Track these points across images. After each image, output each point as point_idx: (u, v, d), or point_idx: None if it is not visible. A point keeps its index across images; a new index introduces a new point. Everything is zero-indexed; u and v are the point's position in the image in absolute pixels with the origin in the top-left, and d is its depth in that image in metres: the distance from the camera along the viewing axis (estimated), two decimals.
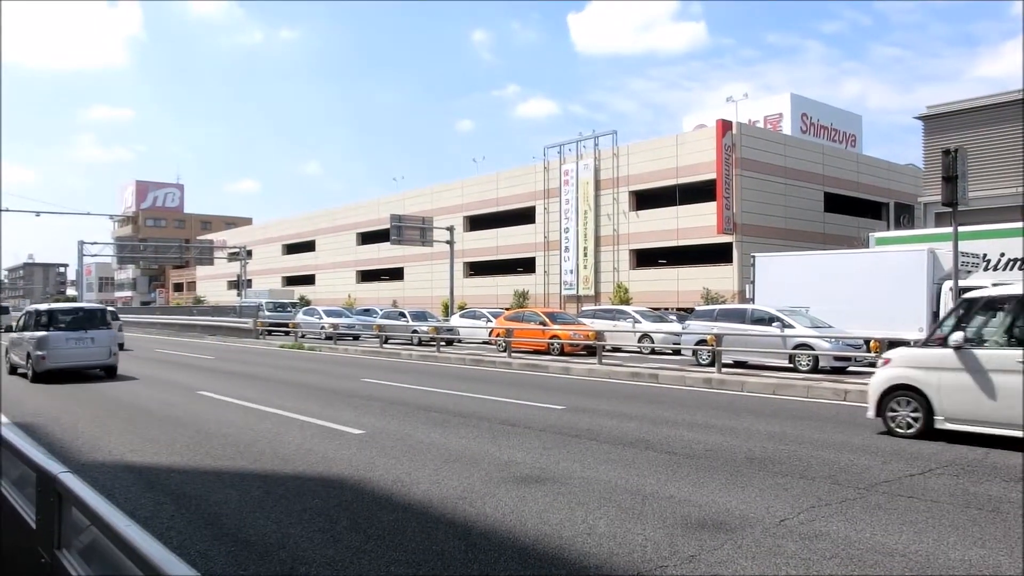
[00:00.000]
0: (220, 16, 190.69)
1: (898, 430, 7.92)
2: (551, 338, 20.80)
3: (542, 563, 4.09)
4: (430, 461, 6.68)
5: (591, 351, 19.50)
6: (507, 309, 33.45)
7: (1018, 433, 7.03)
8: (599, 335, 18.60)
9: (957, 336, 7.49)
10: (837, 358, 14.57)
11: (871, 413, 8.26)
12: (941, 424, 7.64)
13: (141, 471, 6.53)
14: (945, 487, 5.71)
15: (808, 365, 14.81)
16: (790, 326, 15.45)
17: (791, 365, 15.09)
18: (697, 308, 19.58)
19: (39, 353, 14.11)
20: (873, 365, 14.98)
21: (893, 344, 14.08)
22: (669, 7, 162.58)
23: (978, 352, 7.41)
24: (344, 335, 28.27)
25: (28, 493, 2.82)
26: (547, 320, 21.89)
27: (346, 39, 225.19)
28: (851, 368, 14.84)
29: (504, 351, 19.89)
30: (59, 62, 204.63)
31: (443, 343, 23.62)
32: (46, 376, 14.10)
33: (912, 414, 7.84)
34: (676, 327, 21.97)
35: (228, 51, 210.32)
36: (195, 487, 5.91)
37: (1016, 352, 7.12)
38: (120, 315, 44.82)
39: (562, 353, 20.08)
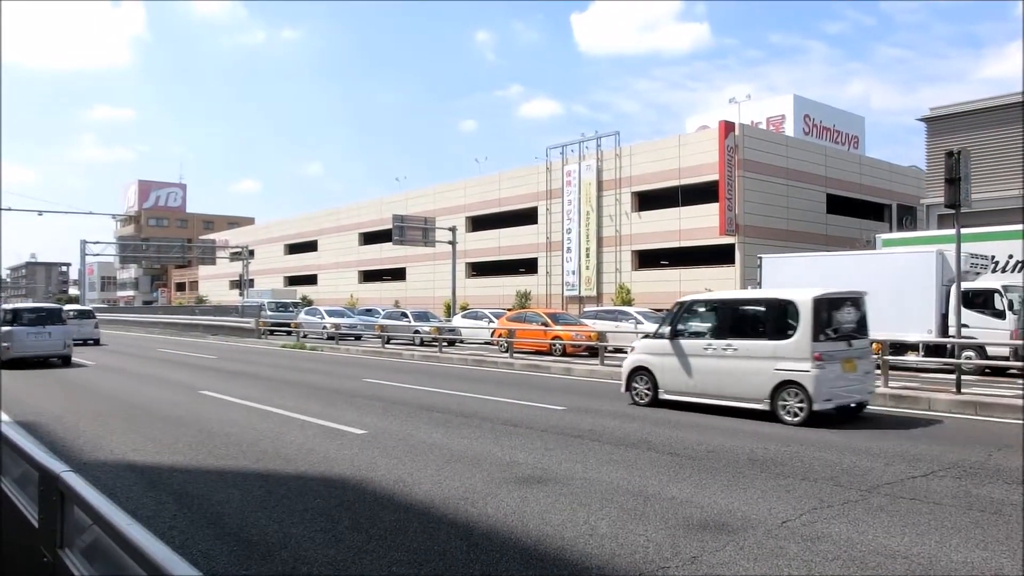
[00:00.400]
0: (223, 16, 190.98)
1: (639, 400, 10.51)
2: (553, 339, 20.79)
3: (544, 564, 4.09)
4: (432, 461, 6.68)
5: (593, 352, 19.53)
6: (509, 310, 33.44)
7: (708, 401, 9.71)
8: (601, 336, 18.58)
9: (666, 330, 10.37)
10: None
11: (622, 389, 10.81)
12: (663, 395, 10.25)
13: (143, 470, 6.53)
14: (947, 489, 5.70)
15: None
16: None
17: None
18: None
19: (4, 344, 16.83)
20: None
21: (895, 346, 14.06)
22: (672, 8, 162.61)
23: (681, 342, 10.07)
24: (346, 335, 28.28)
25: (30, 492, 2.83)
26: (549, 321, 21.88)
27: (349, 39, 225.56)
28: None
29: (506, 352, 19.90)
30: (62, 62, 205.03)
31: (445, 343, 23.59)
32: (11, 363, 16.56)
33: (646, 388, 10.48)
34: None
35: (230, 51, 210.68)
36: (197, 486, 5.92)
37: (701, 342, 9.93)
38: (123, 314, 45.07)
39: (564, 354, 20.05)
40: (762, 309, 10.14)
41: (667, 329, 10.31)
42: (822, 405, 8.74)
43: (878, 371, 11.61)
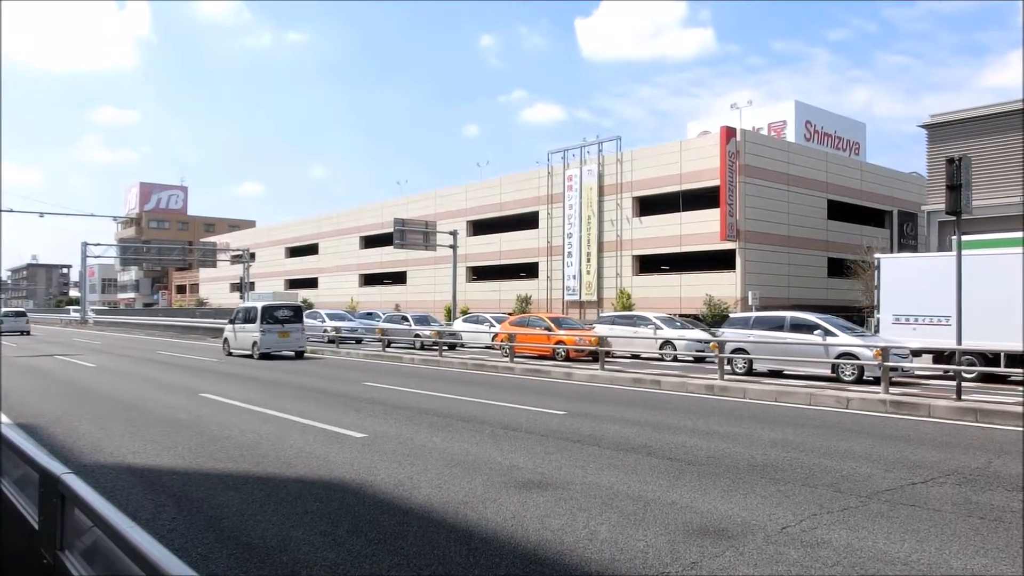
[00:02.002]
0: (228, 18, 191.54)
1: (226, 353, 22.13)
2: (556, 343, 20.60)
3: (543, 568, 4.09)
4: (432, 465, 6.67)
5: (596, 357, 19.46)
6: (510, 314, 33.42)
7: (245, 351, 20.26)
8: (603, 340, 18.45)
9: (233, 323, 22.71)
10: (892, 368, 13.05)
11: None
12: (233, 351, 21.95)
13: (143, 473, 6.53)
14: (947, 496, 5.69)
15: (852, 375, 14.34)
16: (832, 334, 14.96)
17: (833, 375, 14.66)
18: (732, 315, 19.01)
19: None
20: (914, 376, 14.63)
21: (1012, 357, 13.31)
22: (677, 13, 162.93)
23: (236, 325, 22.72)
24: (347, 339, 28.24)
25: (30, 494, 2.83)
26: (552, 325, 21.70)
27: (354, 43, 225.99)
28: (896, 379, 13.85)
29: (508, 356, 19.76)
30: (68, 63, 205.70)
31: (445, 347, 23.54)
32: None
33: (226, 347, 23.30)
34: (701, 334, 21.75)
35: (236, 53, 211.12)
36: (197, 489, 5.92)
37: (251, 325, 22.24)
38: (123, 317, 45.36)
39: (567, 359, 19.94)
40: (254, 307, 22.88)
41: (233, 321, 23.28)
42: (264, 351, 21.41)
43: (879, 377, 11.57)
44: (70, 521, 2.39)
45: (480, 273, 48.74)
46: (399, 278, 54.50)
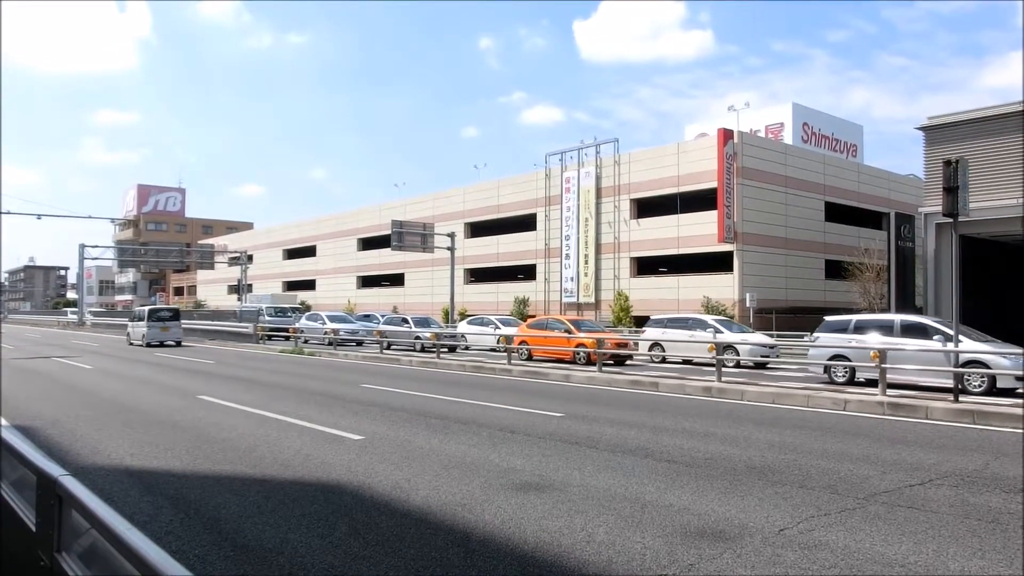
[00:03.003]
0: (229, 19, 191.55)
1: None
2: (577, 346, 19.89)
3: (541, 570, 4.09)
4: (429, 467, 6.67)
5: (619, 360, 19.09)
6: (521, 317, 33.41)
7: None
8: (627, 344, 18.47)
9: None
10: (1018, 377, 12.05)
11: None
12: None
13: (140, 475, 6.52)
14: (945, 498, 5.70)
15: (982, 386, 12.59)
16: (953, 339, 12.56)
17: (957, 386, 11.67)
18: (827, 319, 17.26)
19: None
20: None
21: None
22: (676, 15, 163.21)
23: (132, 323, 31.52)
24: (347, 340, 28.17)
25: (28, 496, 2.83)
26: (572, 328, 21.05)
27: (354, 44, 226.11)
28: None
29: (527, 359, 19.13)
30: (68, 65, 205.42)
31: (444, 349, 23.41)
32: None
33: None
34: (763, 338, 21.05)
35: (236, 55, 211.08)
36: (194, 491, 5.91)
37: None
38: (120, 319, 46.02)
39: (589, 362, 19.14)
40: (143, 309, 31.01)
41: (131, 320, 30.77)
42: (149, 341, 28.18)
43: (876, 379, 11.62)
44: (67, 523, 2.39)
45: (478, 275, 48.75)
46: (397, 280, 54.51)
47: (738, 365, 19.24)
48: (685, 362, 20.12)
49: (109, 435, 8.49)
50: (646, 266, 39.41)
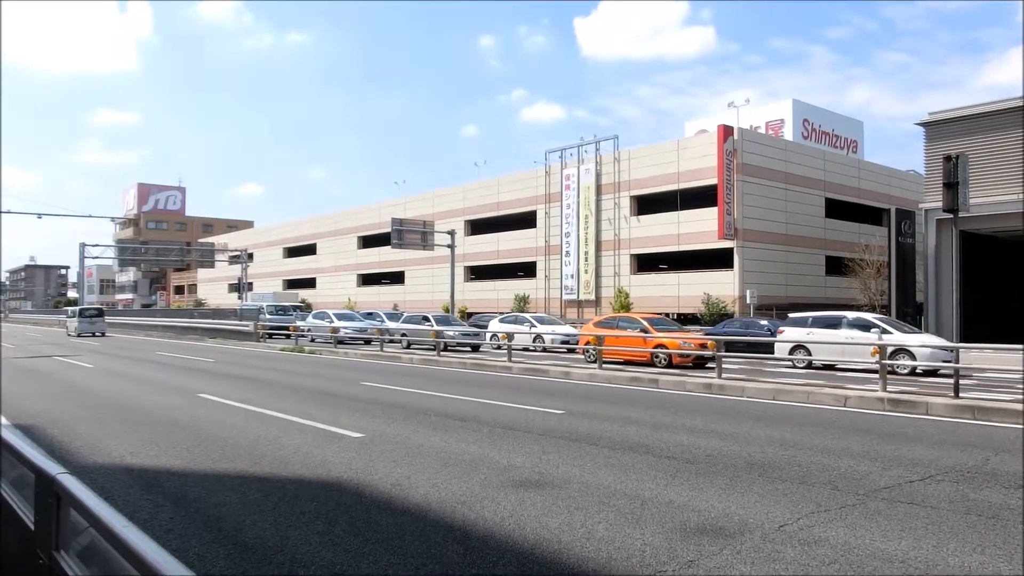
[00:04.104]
0: (229, 19, 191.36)
1: None
2: (655, 347, 18.03)
3: (540, 567, 4.09)
4: (429, 465, 6.67)
5: (700, 363, 17.59)
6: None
7: None
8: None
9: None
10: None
11: None
12: None
13: (140, 473, 6.53)
14: (945, 493, 5.70)
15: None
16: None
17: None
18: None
19: None
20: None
21: None
22: (676, 13, 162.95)
23: (68, 319, 42.71)
24: (356, 339, 27.78)
25: (27, 494, 2.83)
26: (649, 327, 19.06)
27: (354, 44, 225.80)
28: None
29: (594, 363, 17.54)
30: (70, 66, 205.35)
31: (468, 349, 22.39)
32: None
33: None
34: (939, 340, 17.85)
35: (237, 55, 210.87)
36: (194, 489, 5.91)
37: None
38: (121, 317, 46.65)
39: (670, 365, 17.48)
40: (76, 308, 42.24)
41: (68, 317, 41.61)
42: (79, 332, 38.30)
43: (876, 375, 11.60)
44: (66, 521, 2.39)
45: (478, 273, 48.74)
46: (397, 278, 54.50)
47: (913, 373, 15.81)
48: (828, 367, 17.09)
49: (109, 433, 8.49)
50: (646, 263, 39.40)
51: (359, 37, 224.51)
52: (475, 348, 22.73)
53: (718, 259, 35.50)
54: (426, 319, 26.45)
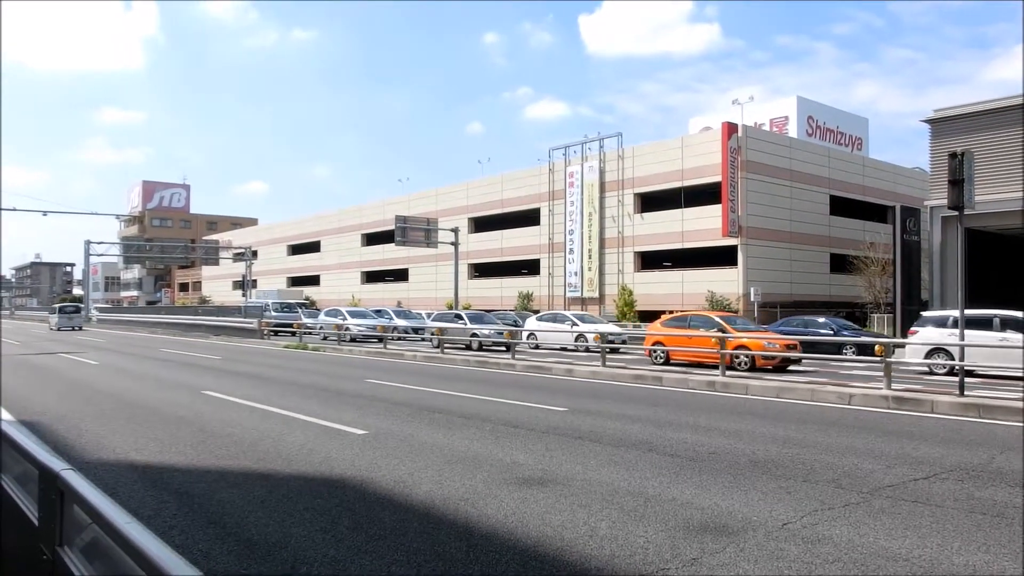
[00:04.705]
0: (234, 17, 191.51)
1: None
2: (736, 348, 16.17)
3: (543, 564, 4.09)
4: (432, 462, 6.68)
5: (785, 365, 16.41)
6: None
7: None
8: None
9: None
10: None
11: None
12: None
13: (145, 469, 6.55)
14: (949, 492, 5.68)
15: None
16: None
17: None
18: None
19: None
20: None
21: None
22: (681, 10, 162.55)
23: (51, 315, 46.45)
24: (371, 336, 27.40)
25: (31, 490, 2.83)
26: (726, 326, 17.34)
27: (359, 41, 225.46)
28: None
29: (663, 364, 16.73)
30: (75, 65, 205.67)
31: (503, 349, 21.29)
32: None
33: None
34: None
35: (241, 53, 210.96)
36: (198, 486, 5.93)
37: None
38: (126, 315, 46.49)
39: (752, 369, 15.92)
40: (55, 306, 45.39)
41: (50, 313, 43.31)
42: (58, 327, 41.82)
43: (881, 374, 11.56)
44: (69, 517, 2.40)
45: (482, 270, 48.74)
46: (401, 275, 54.54)
47: None
48: (978, 375, 14.70)
49: (114, 430, 8.52)
50: (650, 261, 39.35)
51: (363, 35, 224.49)
52: (509, 348, 20.63)
53: (722, 257, 35.43)
54: (459, 317, 25.52)
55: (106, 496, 2.22)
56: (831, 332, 20.50)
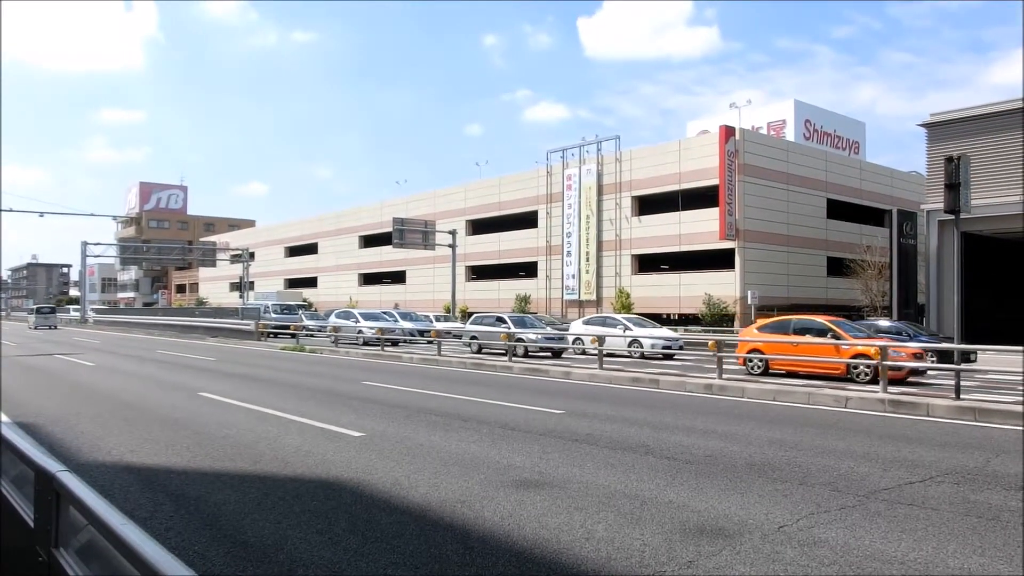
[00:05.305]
0: (234, 17, 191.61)
1: None
2: (854, 357, 14.13)
3: (539, 567, 4.09)
4: (429, 464, 6.68)
5: (913, 376, 14.34)
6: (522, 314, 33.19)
7: None
8: (924, 355, 14.27)
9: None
10: None
11: None
12: None
13: (141, 471, 6.53)
14: (945, 495, 5.69)
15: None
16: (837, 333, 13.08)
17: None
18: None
19: None
20: None
21: None
22: (680, 12, 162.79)
23: (29, 316, 49.92)
24: (384, 340, 27.29)
25: (27, 492, 2.83)
26: (840, 331, 15.08)
27: (358, 43, 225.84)
28: None
29: (762, 373, 15.18)
30: (75, 65, 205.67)
31: (549, 354, 20.03)
32: None
33: None
34: None
35: (241, 53, 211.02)
36: (194, 488, 5.92)
37: None
38: (123, 316, 46.01)
39: (874, 380, 13.26)
40: (33, 307, 53.80)
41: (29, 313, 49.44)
42: (36, 327, 46.86)
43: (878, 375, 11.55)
44: (65, 519, 2.39)
45: (479, 272, 48.74)
46: (398, 277, 54.51)
47: None
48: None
49: (110, 431, 8.50)
50: (647, 263, 39.39)
51: (363, 35, 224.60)
52: (557, 355, 19.24)
53: (719, 260, 35.48)
54: (501, 320, 23.58)
55: (102, 498, 2.22)
56: (907, 337, 18.08)
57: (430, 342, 24.21)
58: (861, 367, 13.99)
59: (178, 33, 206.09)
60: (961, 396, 10.94)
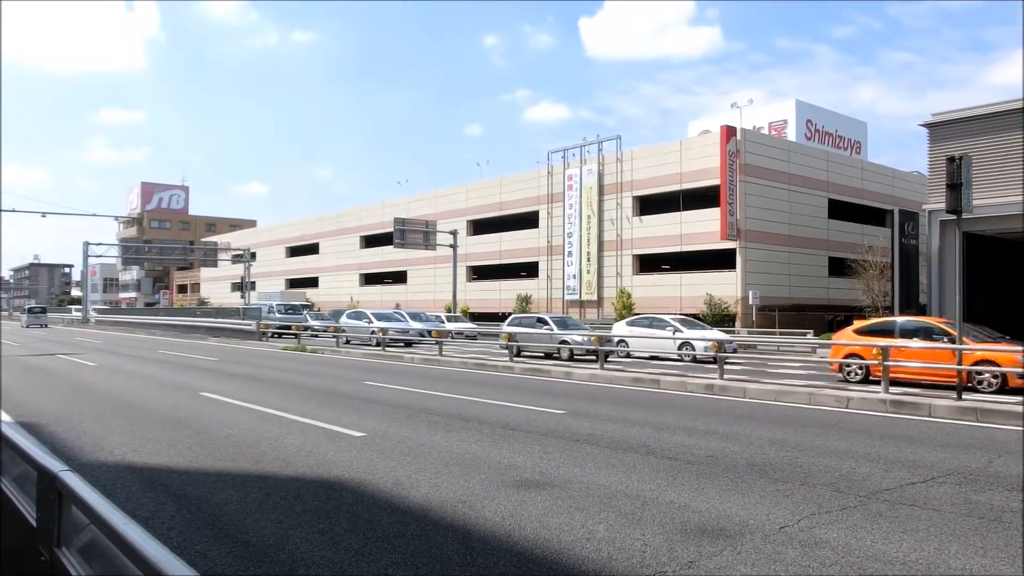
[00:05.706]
0: (235, 18, 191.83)
1: None
2: (976, 363, 12.70)
3: (540, 567, 4.09)
4: (430, 464, 6.68)
5: None
6: (523, 314, 33.17)
7: None
8: None
9: None
10: None
11: None
12: None
13: (142, 471, 6.54)
14: (947, 496, 5.69)
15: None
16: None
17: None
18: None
19: None
20: None
21: None
22: (682, 12, 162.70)
23: (22, 315, 50.39)
24: (397, 340, 26.77)
25: (29, 491, 2.84)
26: (954, 334, 12.71)
27: (359, 43, 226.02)
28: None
29: (861, 381, 14.02)
30: (76, 65, 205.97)
31: (593, 358, 18.33)
32: None
33: None
34: None
35: (242, 53, 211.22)
36: (196, 488, 5.93)
37: None
38: (125, 316, 45.89)
39: (1001, 391, 12.38)
40: (27, 307, 65.52)
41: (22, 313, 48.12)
42: (28, 326, 51.61)
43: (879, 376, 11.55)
44: (67, 518, 2.40)
45: (480, 272, 48.74)
46: (399, 277, 54.53)
47: None
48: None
49: (112, 431, 8.51)
50: (648, 263, 39.37)
51: (364, 36, 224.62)
52: (599, 358, 17.35)
53: (721, 260, 35.46)
54: (542, 321, 22.45)
55: (104, 497, 2.22)
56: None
57: (436, 343, 23.56)
58: (987, 375, 12.81)
59: (179, 33, 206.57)
60: (963, 396, 10.93)
